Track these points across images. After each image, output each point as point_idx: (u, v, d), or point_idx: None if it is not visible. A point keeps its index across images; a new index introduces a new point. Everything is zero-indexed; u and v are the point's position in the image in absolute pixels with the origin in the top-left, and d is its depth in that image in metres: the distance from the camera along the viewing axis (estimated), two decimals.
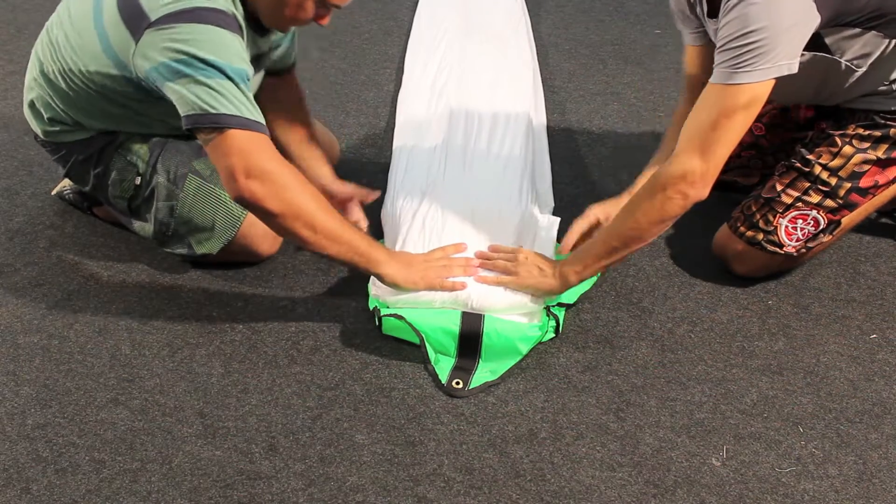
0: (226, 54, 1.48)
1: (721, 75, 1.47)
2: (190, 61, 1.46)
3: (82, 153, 1.80)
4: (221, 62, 1.47)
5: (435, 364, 1.65)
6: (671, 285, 1.88)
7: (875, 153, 1.71)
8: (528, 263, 1.69)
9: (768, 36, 1.40)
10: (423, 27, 2.80)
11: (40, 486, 1.43)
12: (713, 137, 1.47)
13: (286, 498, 1.42)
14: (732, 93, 1.45)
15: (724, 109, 1.46)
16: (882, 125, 1.71)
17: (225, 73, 1.48)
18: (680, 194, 1.51)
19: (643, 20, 3.13)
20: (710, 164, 1.49)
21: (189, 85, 1.47)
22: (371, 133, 2.43)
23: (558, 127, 2.45)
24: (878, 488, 1.44)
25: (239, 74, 1.50)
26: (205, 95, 1.47)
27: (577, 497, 1.42)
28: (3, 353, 1.69)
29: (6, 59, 2.84)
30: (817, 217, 1.76)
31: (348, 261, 1.61)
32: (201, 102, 1.47)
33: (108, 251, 1.96)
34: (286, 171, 1.52)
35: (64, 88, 1.70)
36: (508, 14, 2.87)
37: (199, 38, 1.46)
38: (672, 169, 1.51)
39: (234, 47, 1.50)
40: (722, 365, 1.68)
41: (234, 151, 1.49)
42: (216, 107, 1.47)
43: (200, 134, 1.51)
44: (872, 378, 1.65)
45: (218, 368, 1.66)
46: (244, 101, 1.50)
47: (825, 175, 1.74)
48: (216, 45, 1.47)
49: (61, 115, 1.76)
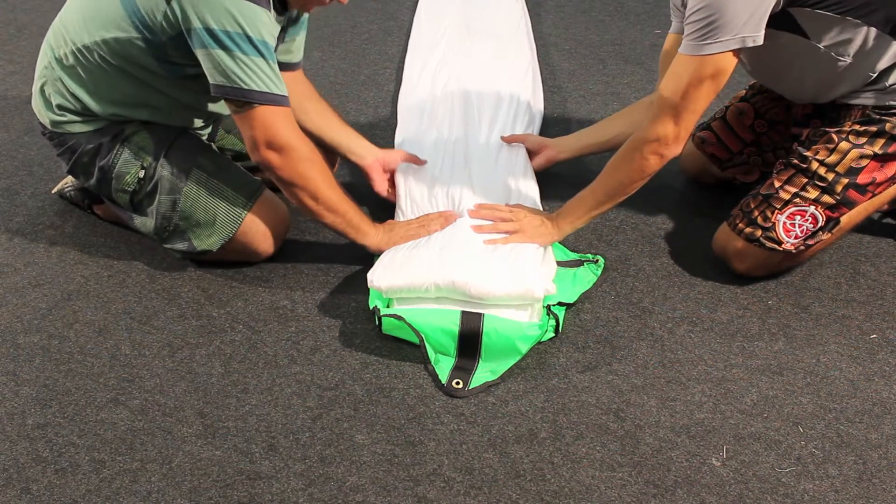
0: (259, 29, 1.55)
1: (688, 47, 1.59)
2: (226, 32, 1.53)
3: (89, 144, 1.81)
4: (256, 38, 1.55)
5: (435, 364, 1.65)
6: (671, 285, 1.88)
7: (872, 148, 1.72)
8: (526, 219, 1.83)
9: (727, 8, 1.51)
10: (423, 27, 2.80)
11: (40, 486, 1.43)
12: (683, 105, 1.62)
13: (286, 498, 1.42)
14: (699, 63, 1.58)
15: (692, 79, 1.60)
16: (877, 120, 1.71)
17: (258, 48, 1.56)
18: (656, 154, 1.69)
19: (643, 20, 3.13)
20: (681, 126, 1.65)
21: (222, 56, 1.56)
22: (371, 133, 2.43)
23: (558, 127, 2.45)
24: (878, 488, 1.44)
25: (269, 49, 1.58)
26: (237, 69, 1.57)
27: (577, 497, 1.42)
28: (3, 353, 1.69)
29: (6, 60, 2.84)
30: (815, 213, 1.76)
31: (340, 230, 1.80)
32: (233, 76, 1.57)
33: (108, 251, 1.96)
34: (302, 146, 1.69)
35: (78, 70, 1.72)
36: (508, 14, 2.87)
37: (232, 10, 1.52)
38: (648, 133, 1.68)
39: (266, 22, 1.56)
40: (722, 365, 1.68)
41: (259, 125, 1.63)
42: (247, 82, 1.58)
43: (229, 103, 1.64)
44: (872, 378, 1.65)
45: (218, 368, 1.66)
46: (272, 75, 1.60)
47: (822, 171, 1.74)
48: (251, 19, 1.53)
49: (71, 102, 1.77)
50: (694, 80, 1.59)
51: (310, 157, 1.71)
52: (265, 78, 1.59)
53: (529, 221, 1.82)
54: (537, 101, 2.43)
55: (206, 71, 1.60)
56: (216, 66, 1.57)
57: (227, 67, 1.57)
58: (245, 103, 1.61)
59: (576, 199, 1.82)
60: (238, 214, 1.79)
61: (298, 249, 1.96)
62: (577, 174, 2.15)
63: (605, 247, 1.98)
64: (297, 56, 1.93)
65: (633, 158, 1.71)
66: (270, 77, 1.60)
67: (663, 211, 2.09)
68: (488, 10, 2.87)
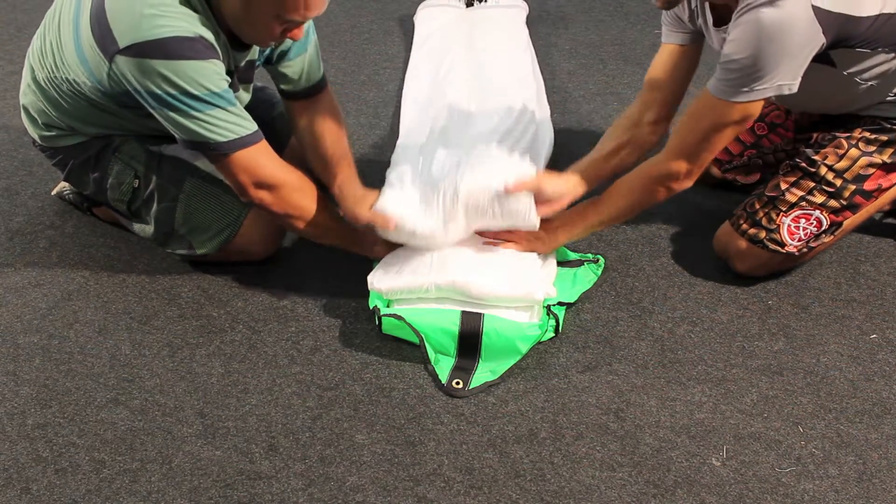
0: (201, 83, 1.48)
1: (720, 90, 1.53)
2: (170, 94, 1.48)
3: (79, 157, 1.80)
4: (200, 93, 1.48)
5: (435, 364, 1.65)
6: (671, 285, 1.88)
7: (881, 157, 1.71)
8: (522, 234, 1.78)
9: (774, 61, 1.46)
10: (424, 29, 2.79)
11: (40, 486, 1.43)
12: (702, 146, 1.60)
13: (286, 498, 1.42)
14: (728, 109, 1.54)
15: (716, 124, 1.57)
16: (888, 129, 1.70)
17: (207, 101, 1.50)
18: (666, 188, 1.68)
19: (643, 20, 3.13)
20: (695, 165, 1.64)
21: (175, 117, 1.51)
22: (371, 133, 2.43)
23: (558, 127, 2.45)
24: (878, 488, 1.44)
25: (220, 96, 1.52)
26: (194, 126, 1.52)
27: (577, 497, 1.42)
28: (3, 353, 1.69)
29: (6, 60, 2.85)
30: (820, 217, 1.76)
31: (343, 247, 1.82)
32: (194, 133, 1.53)
33: (108, 251, 1.96)
34: (290, 176, 1.66)
35: (55, 95, 1.70)
36: (509, 14, 2.86)
37: (168, 73, 1.46)
38: (661, 168, 1.66)
39: (208, 72, 1.49)
40: (722, 365, 1.68)
41: (240, 170, 1.60)
42: (211, 138, 1.53)
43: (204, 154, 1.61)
44: (872, 378, 1.65)
45: (218, 368, 1.66)
46: (234, 120, 1.55)
47: (830, 176, 1.74)
48: (188, 77, 1.47)
49: (55, 121, 1.76)
50: (718, 125, 1.56)
51: (300, 186, 1.68)
52: (226, 125, 1.54)
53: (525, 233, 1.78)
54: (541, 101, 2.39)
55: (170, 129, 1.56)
56: (174, 125, 1.53)
57: (184, 126, 1.52)
58: (218, 155, 1.57)
59: (576, 213, 1.79)
60: (237, 217, 1.79)
61: (298, 249, 1.96)
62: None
63: (605, 247, 1.98)
64: (301, 82, 1.81)
65: (641, 188, 1.70)
66: (231, 122, 1.54)
67: (663, 211, 2.08)
68: (489, 11, 2.86)
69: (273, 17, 1.49)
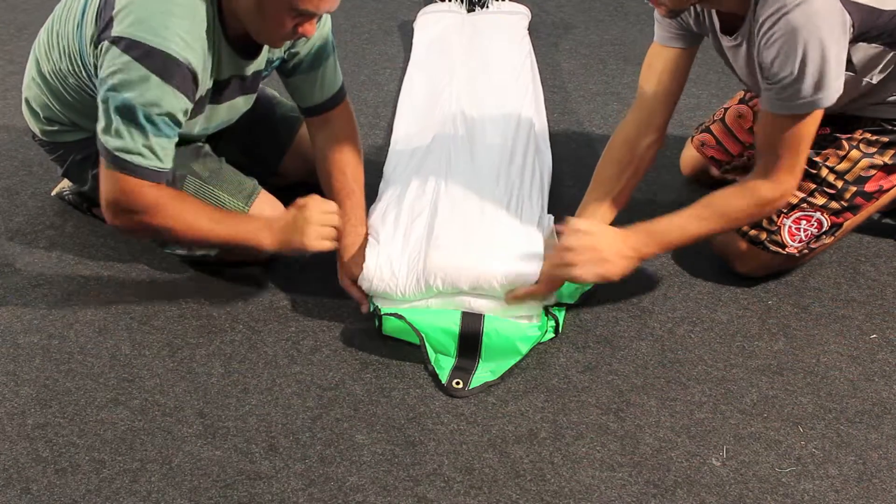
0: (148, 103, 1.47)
1: (795, 106, 1.50)
2: (116, 97, 1.47)
3: (80, 153, 1.80)
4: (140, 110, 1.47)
5: (435, 364, 1.65)
6: (671, 285, 1.88)
7: (882, 158, 1.71)
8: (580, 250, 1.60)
9: (826, 62, 1.43)
10: (424, 35, 2.77)
11: (40, 486, 1.43)
12: (799, 159, 1.58)
13: (286, 498, 1.42)
14: (808, 119, 1.52)
15: (803, 135, 1.54)
16: (890, 131, 1.70)
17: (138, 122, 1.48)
18: (776, 207, 1.65)
19: (643, 20, 3.13)
20: (798, 175, 1.61)
21: (107, 114, 1.50)
22: (371, 133, 2.43)
23: (558, 127, 2.45)
24: (878, 488, 1.44)
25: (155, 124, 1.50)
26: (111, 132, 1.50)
27: (577, 497, 1.42)
28: (3, 353, 1.69)
29: (6, 60, 2.85)
30: (821, 219, 1.75)
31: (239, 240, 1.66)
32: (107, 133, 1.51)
33: (108, 251, 1.96)
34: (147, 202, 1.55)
35: (59, 89, 1.70)
36: (510, 21, 2.85)
37: (131, 79, 1.46)
38: (772, 191, 1.60)
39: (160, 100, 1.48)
40: (722, 365, 1.68)
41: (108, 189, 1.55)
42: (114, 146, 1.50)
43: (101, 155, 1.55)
44: (872, 378, 1.65)
45: (218, 368, 1.66)
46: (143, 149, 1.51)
47: (831, 178, 1.73)
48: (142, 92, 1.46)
49: (58, 115, 1.76)
50: (805, 136, 1.54)
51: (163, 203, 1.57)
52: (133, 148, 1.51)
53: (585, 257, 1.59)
54: (539, 103, 2.39)
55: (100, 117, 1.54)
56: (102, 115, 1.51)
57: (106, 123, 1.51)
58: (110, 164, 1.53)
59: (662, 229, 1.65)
60: None
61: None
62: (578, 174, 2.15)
63: None
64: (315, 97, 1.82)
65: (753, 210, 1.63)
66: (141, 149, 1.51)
67: (663, 211, 2.08)
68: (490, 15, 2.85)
69: (286, 9, 1.48)
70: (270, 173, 2.00)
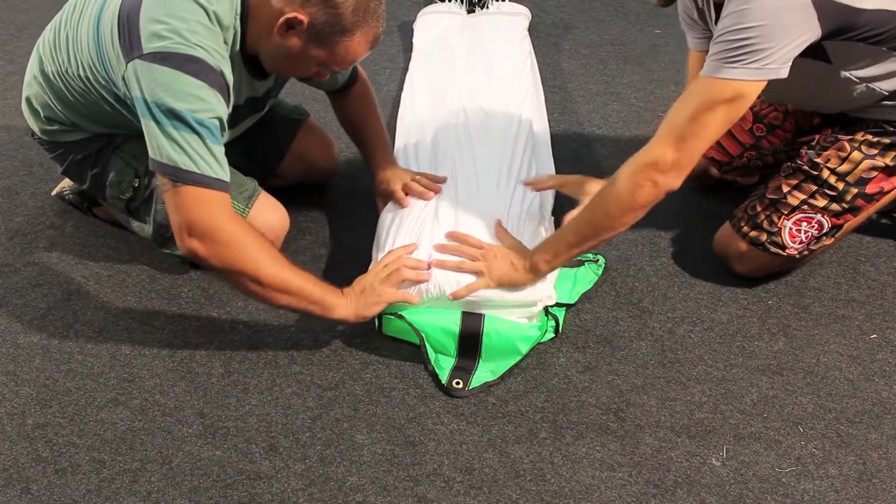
0: (196, 107, 1.45)
1: (710, 67, 1.46)
2: (161, 108, 1.45)
3: (80, 153, 1.80)
4: (190, 115, 1.45)
5: (435, 364, 1.65)
6: (671, 285, 1.88)
7: (883, 160, 1.71)
8: (495, 260, 1.64)
9: (763, 35, 1.40)
10: (424, 36, 2.77)
11: (40, 486, 1.43)
12: (690, 129, 1.45)
13: (286, 498, 1.42)
14: (718, 86, 1.44)
15: (706, 101, 1.45)
16: (892, 133, 1.69)
17: (191, 126, 1.45)
18: (650, 181, 1.48)
19: (643, 20, 3.13)
20: (682, 153, 1.46)
21: (156, 131, 1.46)
22: None
23: (558, 127, 2.45)
24: (878, 488, 1.44)
25: (208, 128, 1.47)
26: (167, 145, 1.45)
27: (577, 497, 1.42)
28: (3, 353, 1.69)
29: (6, 60, 2.85)
30: (821, 220, 1.75)
31: (303, 309, 1.57)
32: (163, 151, 1.46)
33: (108, 251, 1.96)
34: (229, 229, 1.49)
35: (62, 89, 1.69)
36: (511, 21, 2.85)
37: (174, 86, 1.44)
38: (644, 156, 1.49)
39: (207, 101, 1.47)
40: (722, 365, 1.68)
41: (181, 208, 1.47)
42: (175, 159, 1.45)
43: (160, 180, 1.50)
44: (872, 378, 1.65)
45: (218, 368, 1.66)
46: (206, 155, 1.47)
47: (833, 179, 1.73)
48: (189, 96, 1.45)
49: (59, 115, 1.75)
50: (708, 102, 1.44)
51: (242, 237, 1.49)
52: (195, 156, 1.46)
53: (498, 264, 1.63)
54: (540, 102, 2.39)
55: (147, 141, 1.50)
56: (150, 138, 1.47)
57: (158, 140, 1.46)
58: (171, 180, 1.47)
59: (556, 235, 1.65)
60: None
61: (298, 249, 1.96)
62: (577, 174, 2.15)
63: (606, 247, 1.98)
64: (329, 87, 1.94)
65: (623, 185, 1.51)
66: (203, 157, 1.46)
67: (663, 211, 2.06)
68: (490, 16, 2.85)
69: (317, 64, 1.56)
70: (270, 174, 2.00)
